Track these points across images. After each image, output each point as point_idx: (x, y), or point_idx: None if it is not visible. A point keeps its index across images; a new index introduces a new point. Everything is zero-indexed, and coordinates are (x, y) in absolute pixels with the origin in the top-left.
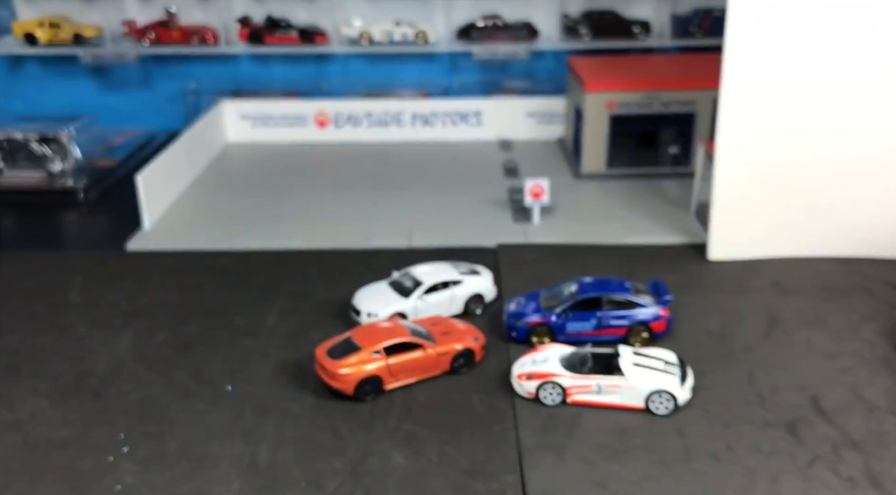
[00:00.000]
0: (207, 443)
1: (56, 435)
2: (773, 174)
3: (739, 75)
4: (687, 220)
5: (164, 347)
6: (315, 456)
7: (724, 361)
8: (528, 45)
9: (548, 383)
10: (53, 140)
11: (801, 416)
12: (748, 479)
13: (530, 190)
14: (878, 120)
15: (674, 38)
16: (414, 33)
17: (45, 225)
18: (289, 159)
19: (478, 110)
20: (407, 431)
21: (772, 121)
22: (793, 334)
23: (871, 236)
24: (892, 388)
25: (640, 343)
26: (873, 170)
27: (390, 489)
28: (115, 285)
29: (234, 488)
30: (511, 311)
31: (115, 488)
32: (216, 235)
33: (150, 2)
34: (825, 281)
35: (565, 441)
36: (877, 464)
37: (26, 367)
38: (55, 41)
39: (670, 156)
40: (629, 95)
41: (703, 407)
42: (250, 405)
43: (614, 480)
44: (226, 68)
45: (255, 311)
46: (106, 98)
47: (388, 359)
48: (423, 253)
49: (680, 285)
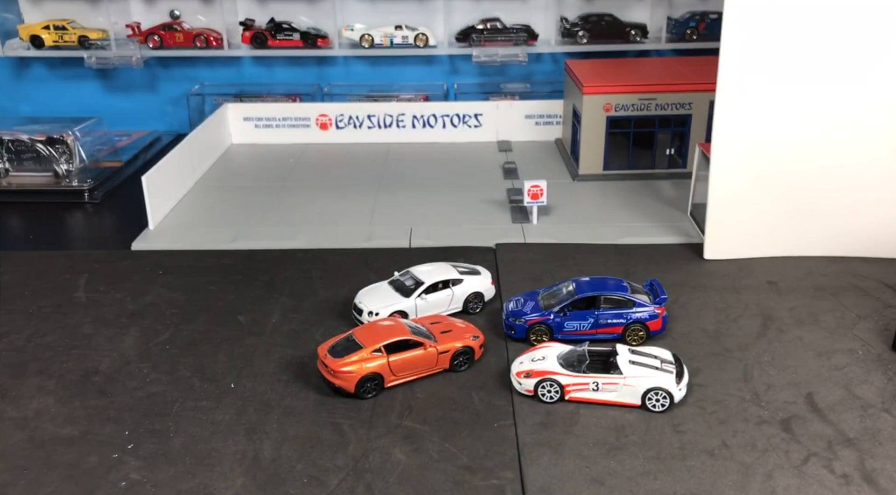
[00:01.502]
0: (211, 440)
1: (62, 431)
2: (767, 175)
3: (735, 78)
4: (683, 221)
5: (168, 345)
6: (317, 452)
7: (719, 359)
8: (526, 48)
9: (546, 381)
10: (59, 141)
11: (796, 414)
12: (743, 476)
13: (529, 190)
14: (872, 122)
15: (670, 41)
16: (414, 36)
17: (51, 225)
18: (291, 160)
19: (477, 112)
20: (407, 428)
21: (767, 123)
22: (787, 332)
23: (864, 236)
24: (885, 386)
25: (636, 341)
26: (868, 171)
27: (391, 485)
28: (121, 284)
29: (238, 484)
30: (510, 310)
31: (120, 484)
32: (220, 235)
33: (154, 5)
34: (819, 280)
35: (563, 437)
36: (871, 461)
37: (33, 365)
38: (61, 44)
39: (667, 158)
40: (626, 98)
41: (699, 405)
42: (253, 402)
43: (611, 476)
44: (229, 71)
45: (259, 310)
46: (111, 100)
47: (389, 357)
48: (423, 252)
49: (676, 284)
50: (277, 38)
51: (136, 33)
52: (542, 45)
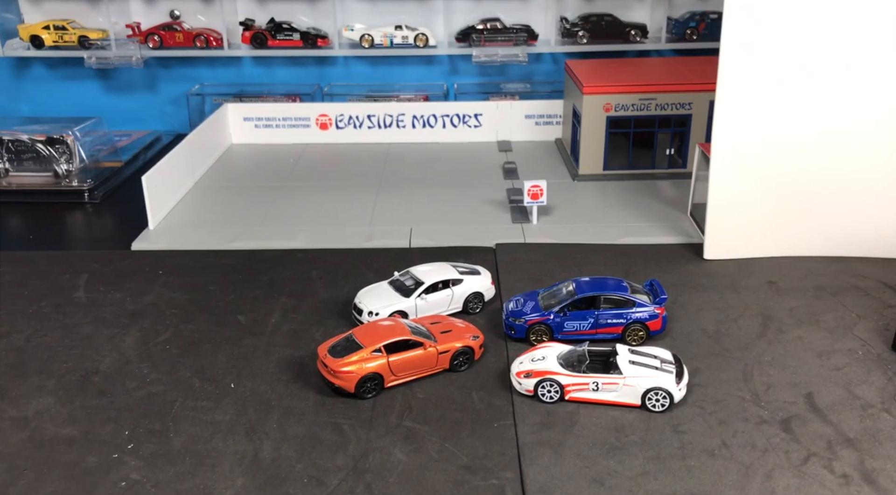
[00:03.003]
0: (211, 440)
1: (62, 432)
2: (767, 175)
3: (735, 78)
4: (683, 221)
5: (168, 345)
6: (317, 452)
7: (719, 359)
8: (526, 48)
9: (546, 380)
10: (59, 141)
11: (796, 414)
12: (743, 476)
13: (529, 190)
14: (873, 122)
15: (670, 41)
16: (414, 37)
17: (51, 225)
18: (291, 160)
19: (477, 112)
20: (407, 428)
21: (767, 123)
22: (787, 332)
23: (864, 236)
24: (885, 386)
25: (636, 341)
26: (868, 171)
27: (391, 485)
28: (121, 284)
29: (238, 484)
30: (510, 310)
31: (120, 484)
32: (220, 235)
33: (154, 5)
34: (819, 280)
35: (563, 437)
36: (871, 461)
37: (32, 365)
38: (61, 44)
39: (667, 158)
40: (626, 98)
41: (699, 405)
42: (253, 402)
43: (611, 476)
44: (229, 71)
45: (259, 310)
46: (111, 100)
47: (389, 357)
48: (423, 252)
49: (676, 284)
50: (277, 38)
51: (136, 33)
52: (542, 45)
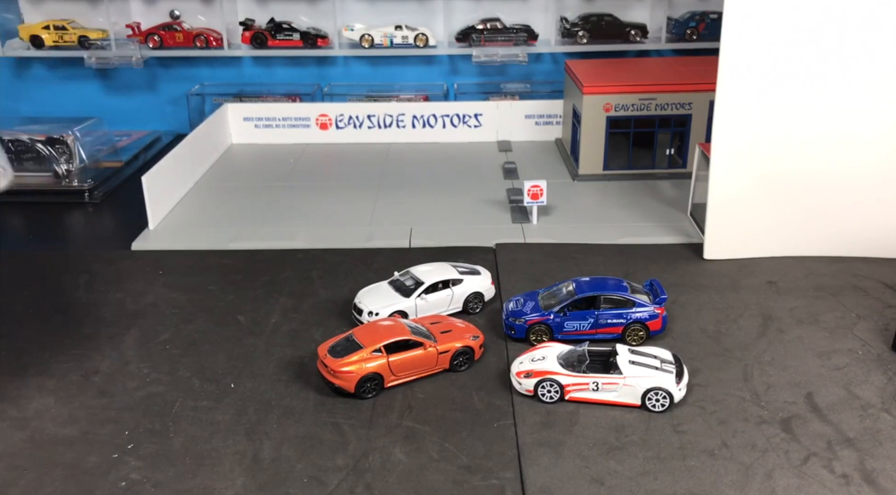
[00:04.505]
0: (211, 440)
1: (62, 432)
2: (767, 175)
3: (735, 78)
4: (683, 221)
5: (168, 345)
6: (317, 452)
7: (719, 359)
8: (526, 48)
9: (546, 380)
10: (59, 141)
11: (796, 414)
12: (743, 476)
13: (529, 190)
14: (873, 122)
15: (670, 41)
16: (414, 37)
17: (51, 225)
18: (291, 160)
19: (477, 112)
20: (407, 428)
21: (767, 123)
22: (787, 332)
23: (864, 236)
24: (885, 386)
25: (636, 341)
26: (868, 171)
27: (391, 484)
28: (121, 284)
29: (238, 484)
30: (510, 310)
31: (120, 484)
32: (220, 235)
33: (154, 5)
34: (819, 280)
35: (563, 437)
36: (871, 461)
37: (33, 365)
38: (61, 44)
39: (667, 158)
40: (626, 98)
41: (699, 405)
42: (253, 402)
43: (611, 476)
44: (229, 71)
45: (259, 310)
46: (111, 100)
47: (389, 357)
48: (423, 252)
49: (676, 284)
50: (277, 38)
51: (136, 33)
52: (542, 45)
